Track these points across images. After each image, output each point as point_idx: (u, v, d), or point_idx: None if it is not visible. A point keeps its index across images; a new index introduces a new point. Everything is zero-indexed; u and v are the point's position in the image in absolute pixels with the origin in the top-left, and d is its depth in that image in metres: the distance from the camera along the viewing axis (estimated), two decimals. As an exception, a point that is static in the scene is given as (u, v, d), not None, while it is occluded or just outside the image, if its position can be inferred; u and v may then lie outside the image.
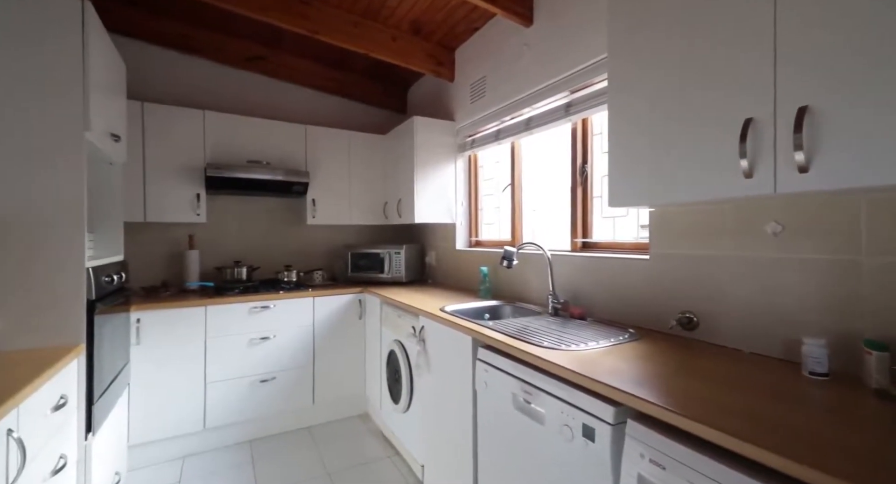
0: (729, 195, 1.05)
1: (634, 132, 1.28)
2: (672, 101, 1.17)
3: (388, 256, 3.04)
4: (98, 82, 1.51)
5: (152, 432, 2.24)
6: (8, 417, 0.94)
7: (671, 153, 1.17)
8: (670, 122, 1.17)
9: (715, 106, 1.07)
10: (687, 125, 1.13)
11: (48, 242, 1.36)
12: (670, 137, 1.17)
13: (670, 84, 1.18)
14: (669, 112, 1.17)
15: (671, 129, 1.17)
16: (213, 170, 2.51)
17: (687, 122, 1.13)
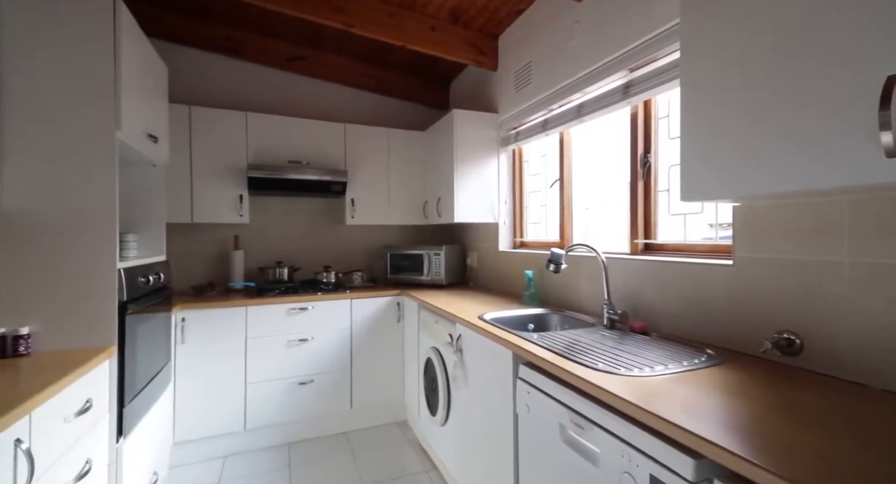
0: (860, 181, 0.78)
1: (719, 107, 1.02)
2: (777, 61, 0.90)
3: (427, 257, 2.91)
4: (131, 83, 1.50)
5: (196, 431, 2.27)
6: (17, 426, 0.90)
7: (776, 129, 0.90)
8: (776, 87, 0.91)
9: (842, 57, 0.80)
10: (800, 90, 0.86)
11: (79, 242, 1.36)
12: (775, 109, 0.91)
13: (771, 38, 0.91)
14: (774, 74, 0.91)
15: (777, 97, 0.90)
16: (254, 171, 2.52)
17: (800, 87, 0.86)
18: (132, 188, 1.88)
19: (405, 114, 3.45)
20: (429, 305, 2.23)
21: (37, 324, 1.30)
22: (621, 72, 1.72)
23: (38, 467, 0.97)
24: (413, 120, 3.47)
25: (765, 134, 0.92)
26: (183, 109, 2.47)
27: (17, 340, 1.25)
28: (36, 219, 1.31)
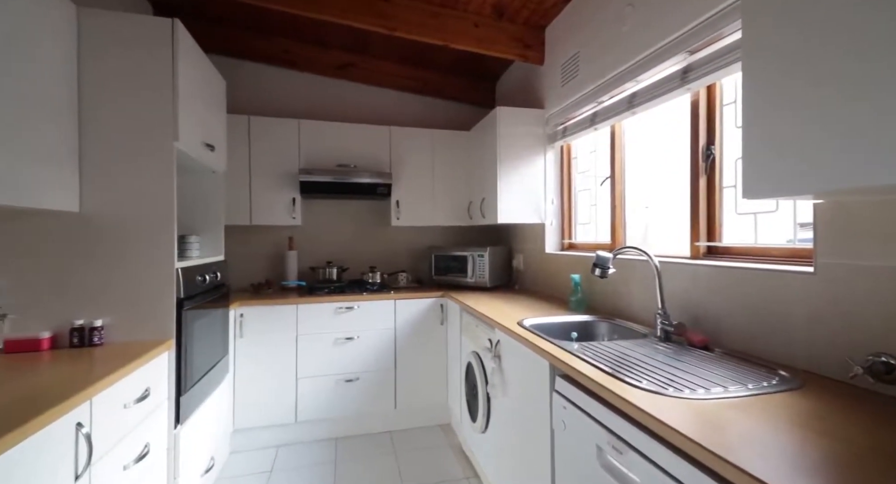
0: None
1: (800, 81, 0.86)
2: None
3: (471, 258, 2.86)
4: (188, 98, 1.63)
5: (253, 419, 2.42)
6: (77, 411, 0.99)
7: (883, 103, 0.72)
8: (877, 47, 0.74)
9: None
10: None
11: (142, 243, 1.49)
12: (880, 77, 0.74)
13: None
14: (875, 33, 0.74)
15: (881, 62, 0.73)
16: (305, 175, 2.64)
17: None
18: (195, 193, 2.05)
19: (450, 114, 3.43)
20: (469, 309, 2.19)
21: (109, 317, 1.45)
22: (679, 56, 1.55)
23: (97, 450, 1.07)
24: (458, 120, 3.44)
25: (864, 110, 0.75)
26: (243, 119, 2.65)
27: (93, 332, 1.40)
28: (107, 222, 1.46)
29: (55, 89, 1.34)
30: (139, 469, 1.28)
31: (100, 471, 1.08)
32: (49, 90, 1.32)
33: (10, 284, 1.36)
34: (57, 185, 1.34)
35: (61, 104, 1.37)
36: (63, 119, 1.37)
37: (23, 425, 0.82)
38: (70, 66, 1.40)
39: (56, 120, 1.34)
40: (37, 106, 1.26)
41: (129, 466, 1.23)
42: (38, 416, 0.86)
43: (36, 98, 1.26)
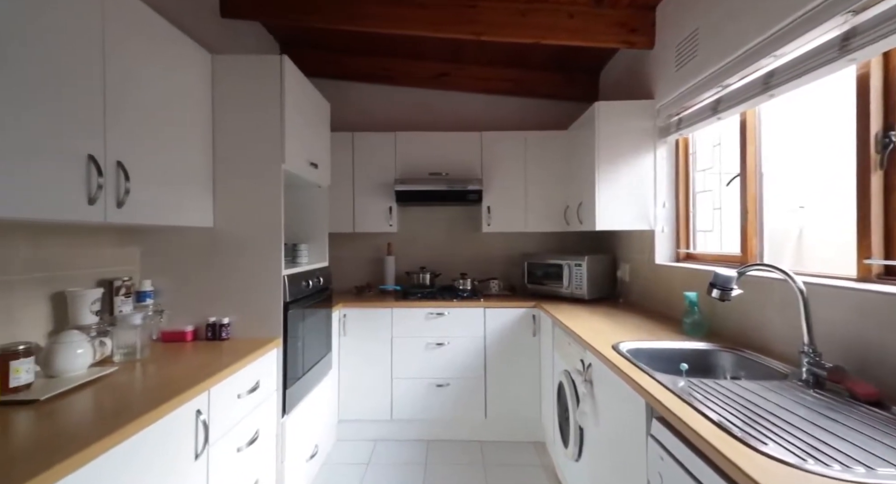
0: None
1: None
2: None
3: (567, 267, 2.66)
4: (295, 122, 1.82)
5: (354, 412, 2.62)
6: (196, 400, 1.17)
7: None
8: None
9: None
10: None
11: (257, 253, 1.72)
12: None
13: None
14: None
15: None
16: (399, 184, 2.77)
17: None
18: (303, 206, 2.30)
19: (546, 113, 3.25)
20: (560, 323, 2.02)
21: (233, 316, 1.71)
22: (836, 18, 1.19)
23: (213, 433, 1.25)
24: (554, 119, 3.24)
25: None
26: (347, 136, 2.90)
27: (221, 328, 1.66)
28: (231, 236, 1.72)
29: (200, 127, 1.63)
30: (250, 452, 1.47)
31: (216, 451, 1.27)
32: (196, 129, 1.60)
33: (165, 286, 1.69)
34: (199, 206, 1.63)
35: (204, 139, 1.65)
36: (204, 151, 1.66)
37: (155, 409, 0.99)
38: (208, 105, 1.68)
39: (200, 153, 1.63)
40: (191, 143, 1.55)
41: (242, 448, 1.42)
42: (166, 403, 1.03)
43: (190, 137, 1.55)
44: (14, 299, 1.21)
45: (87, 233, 1.46)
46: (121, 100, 1.22)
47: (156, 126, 1.38)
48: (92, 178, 1.10)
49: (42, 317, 1.28)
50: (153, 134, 1.36)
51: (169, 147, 1.44)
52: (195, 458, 1.16)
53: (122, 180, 1.20)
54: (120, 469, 0.91)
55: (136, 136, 1.28)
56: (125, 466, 0.92)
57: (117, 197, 1.19)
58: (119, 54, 1.21)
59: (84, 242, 1.45)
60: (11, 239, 1.20)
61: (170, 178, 1.45)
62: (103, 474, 0.86)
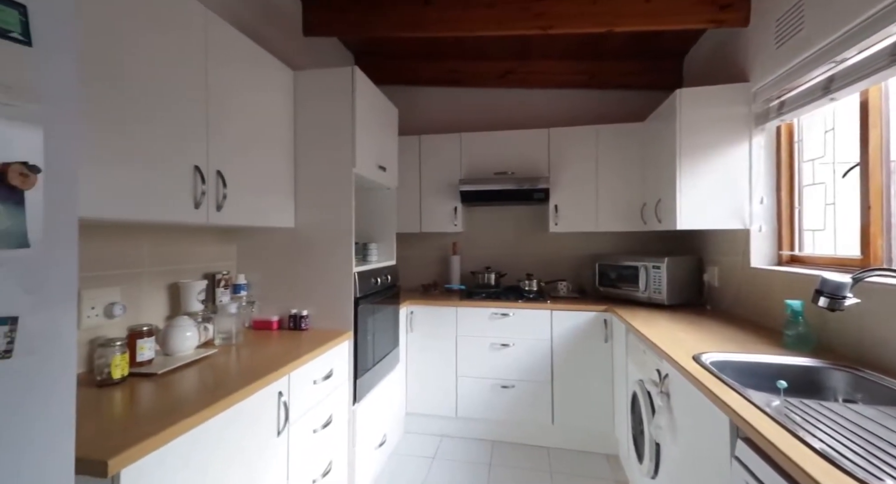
0: None
1: None
2: None
3: (644, 269, 2.47)
4: (364, 128, 1.94)
5: (421, 406, 2.70)
6: (278, 383, 1.30)
7: None
8: None
9: None
10: None
11: (331, 252, 1.86)
12: None
13: None
14: None
15: None
16: (464, 185, 2.79)
17: None
18: (373, 207, 2.43)
19: (620, 105, 3.05)
20: (633, 329, 1.89)
21: (312, 308, 1.86)
22: None
23: (293, 414, 1.37)
24: (630, 111, 3.02)
25: None
26: (415, 139, 2.99)
27: (301, 319, 1.82)
28: (309, 235, 1.88)
29: (283, 138, 1.81)
30: (325, 434, 1.60)
31: (295, 430, 1.40)
32: (280, 139, 1.78)
33: (256, 280, 1.90)
34: (283, 209, 1.81)
35: (286, 148, 1.83)
36: (287, 159, 1.83)
37: (245, 388, 1.13)
38: (290, 116, 1.86)
39: (283, 160, 1.81)
40: (276, 152, 1.73)
41: (318, 430, 1.54)
42: (254, 383, 1.16)
43: (275, 147, 1.73)
44: (140, 289, 1.45)
45: (193, 233, 1.69)
46: (220, 117, 1.40)
47: (247, 138, 1.56)
48: (197, 185, 1.28)
49: (161, 304, 1.52)
50: (245, 146, 1.54)
51: (258, 157, 1.62)
52: (277, 434, 1.29)
53: (221, 187, 1.38)
54: (218, 436, 1.05)
55: (231, 148, 1.46)
56: (222, 433, 1.06)
57: (217, 201, 1.37)
58: (218, 77, 1.39)
59: (192, 240, 1.69)
60: (137, 239, 1.44)
61: (259, 184, 1.62)
62: (209, 437, 1.01)
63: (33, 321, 0.58)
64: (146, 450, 0.85)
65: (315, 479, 1.52)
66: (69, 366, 0.64)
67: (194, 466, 0.98)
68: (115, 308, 1.30)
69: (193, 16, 1.29)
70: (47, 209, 0.58)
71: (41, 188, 0.57)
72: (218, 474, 1.04)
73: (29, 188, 0.55)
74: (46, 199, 0.58)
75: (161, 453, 0.89)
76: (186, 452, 0.96)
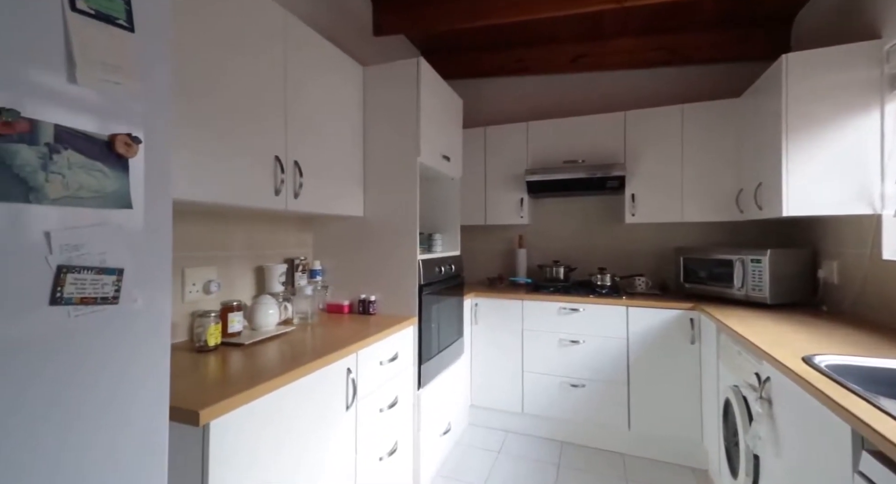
0: None
1: None
2: None
3: (740, 264, 2.18)
4: (429, 118, 1.96)
5: (486, 400, 2.68)
6: (347, 359, 1.36)
7: None
8: None
9: None
10: None
11: (397, 240, 1.91)
12: None
13: None
14: None
15: None
16: (530, 175, 2.70)
17: None
18: (438, 198, 2.46)
19: (708, 82, 2.74)
20: (728, 329, 1.67)
21: (379, 294, 1.93)
22: None
23: (360, 391, 1.43)
24: (721, 87, 2.69)
25: None
26: (480, 131, 2.97)
27: (369, 304, 1.90)
28: (376, 224, 1.95)
29: (354, 130, 1.91)
30: (391, 414, 1.64)
31: (363, 407, 1.45)
32: (351, 131, 1.88)
33: (330, 265, 2.02)
34: (353, 197, 1.90)
35: (356, 140, 1.93)
36: (357, 150, 1.93)
37: (317, 360, 1.20)
38: (360, 110, 1.95)
39: (354, 152, 1.91)
40: (347, 144, 1.84)
41: (384, 410, 1.59)
42: (325, 356, 1.23)
43: (347, 139, 1.83)
44: (232, 270, 1.62)
45: (275, 221, 1.85)
46: (296, 111, 1.51)
47: (321, 131, 1.66)
48: (277, 174, 1.39)
49: (248, 284, 1.69)
50: (319, 138, 1.65)
51: (331, 148, 1.72)
52: (346, 408, 1.35)
53: (297, 176, 1.48)
54: (295, 403, 1.13)
55: (306, 140, 1.57)
56: (298, 400, 1.14)
57: (294, 189, 1.48)
58: (296, 74, 1.50)
59: (274, 228, 1.84)
60: (230, 226, 1.61)
61: (331, 173, 1.73)
62: (287, 402, 1.10)
63: (136, 274, 0.67)
64: (232, 406, 0.94)
65: (381, 456, 1.57)
66: (164, 315, 0.73)
67: (273, 427, 1.06)
68: (212, 285, 1.46)
69: (276, 19, 1.41)
70: (147, 175, 0.67)
71: (142, 157, 0.66)
72: (294, 437, 1.12)
73: (132, 156, 0.64)
74: (147, 167, 0.67)
75: (244, 411, 0.98)
76: (267, 413, 1.04)
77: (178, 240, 1.40)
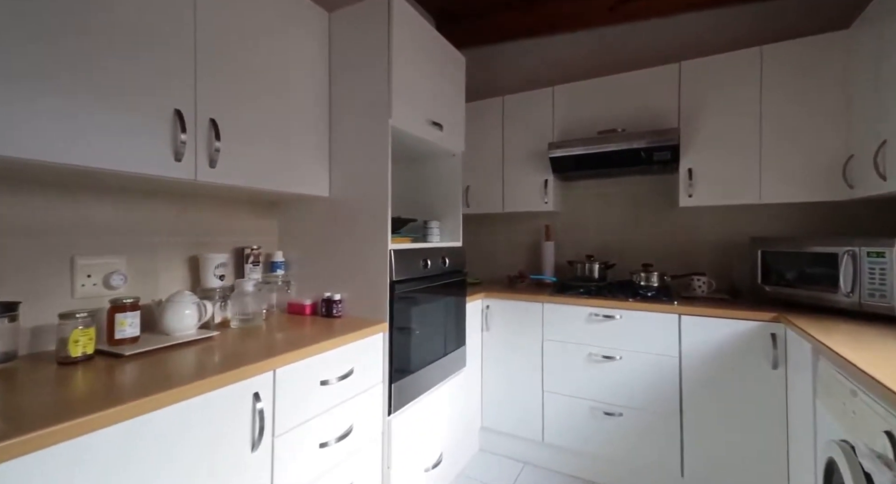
0: None
1: None
2: None
3: (850, 259, 1.54)
4: (408, 72, 1.56)
5: (498, 422, 2.23)
6: (253, 381, 1.00)
7: None
8: None
9: None
10: None
11: (364, 224, 1.53)
12: None
13: None
14: None
15: None
16: (554, 149, 2.19)
17: None
18: (435, 178, 2.04)
19: (795, 15, 2.05)
20: (830, 351, 1.10)
21: (346, 292, 1.57)
22: None
23: (282, 422, 1.07)
24: (813, 20, 2.00)
25: None
26: (497, 102, 2.51)
27: (333, 304, 1.54)
28: (342, 205, 1.58)
29: (315, 89, 1.56)
30: (341, 450, 1.27)
31: (286, 444, 1.09)
32: (311, 90, 1.54)
33: (295, 258, 1.69)
34: (314, 173, 1.54)
35: (319, 101, 1.57)
36: (319, 114, 1.57)
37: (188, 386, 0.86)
38: (324, 65, 1.59)
39: (314, 116, 1.55)
40: (304, 105, 1.50)
41: (329, 444, 1.22)
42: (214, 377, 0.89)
43: (304, 99, 1.49)
44: (155, 259, 1.34)
45: (222, 203, 1.55)
46: (216, 56, 1.18)
47: (262, 86, 1.33)
48: (176, 134, 1.07)
49: (179, 278, 1.40)
50: (258, 94, 1.31)
51: (278, 109, 1.38)
52: (252, 449, 1.00)
53: (213, 139, 1.15)
54: (151, 442, 0.78)
55: (235, 95, 1.24)
56: (158, 439, 0.80)
57: (209, 155, 1.15)
58: (211, 7, 1.17)
59: (221, 211, 1.55)
60: (150, 204, 1.33)
61: (279, 141, 1.39)
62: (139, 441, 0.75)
63: None
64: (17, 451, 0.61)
65: (325, 505, 1.20)
66: None
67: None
68: (114, 278, 1.19)
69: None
70: None
71: None
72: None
73: None
74: None
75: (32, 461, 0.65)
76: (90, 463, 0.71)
77: (68, 221, 1.13)
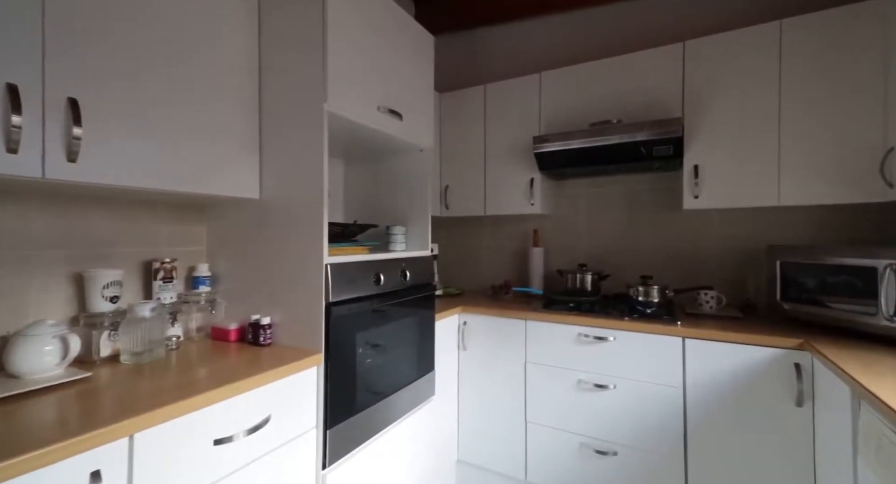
0: None
1: None
2: None
3: (891, 274, 1.25)
4: (350, 48, 1.28)
5: (477, 456, 1.95)
6: (91, 454, 0.73)
7: None
8: None
9: None
10: None
11: (295, 232, 1.25)
12: None
13: None
14: None
15: None
16: (539, 144, 1.91)
17: None
18: (400, 177, 1.76)
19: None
20: (886, 408, 0.82)
21: (281, 314, 1.29)
22: None
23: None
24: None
25: None
26: (478, 91, 2.23)
27: (261, 330, 1.26)
28: (274, 209, 1.29)
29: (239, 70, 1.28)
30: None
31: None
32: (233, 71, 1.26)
33: (225, 272, 1.41)
34: (238, 171, 1.26)
35: (245, 85, 1.30)
36: (245, 101, 1.30)
37: None
38: (253, 43, 1.32)
39: (238, 103, 1.27)
40: (223, 89, 1.22)
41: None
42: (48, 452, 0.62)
43: (222, 81, 1.22)
44: (30, 278, 1.07)
45: (127, 205, 1.27)
46: (81, 14, 0.91)
47: (158, 57, 1.05)
48: (6, 117, 0.80)
49: (58, 300, 1.13)
50: (151, 66, 1.04)
51: (183, 88, 1.11)
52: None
53: (71, 124, 0.88)
54: None
55: (112, 68, 0.97)
56: None
57: (65, 146, 0.88)
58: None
59: (127, 216, 1.27)
60: (26, 209, 1.06)
61: (187, 129, 1.11)
62: None
63: None
64: None
65: None
66: None
67: None
68: (-50, 304, 0.92)
69: None
70: None
71: None
72: None
73: None
74: None
75: None
76: None
77: None
